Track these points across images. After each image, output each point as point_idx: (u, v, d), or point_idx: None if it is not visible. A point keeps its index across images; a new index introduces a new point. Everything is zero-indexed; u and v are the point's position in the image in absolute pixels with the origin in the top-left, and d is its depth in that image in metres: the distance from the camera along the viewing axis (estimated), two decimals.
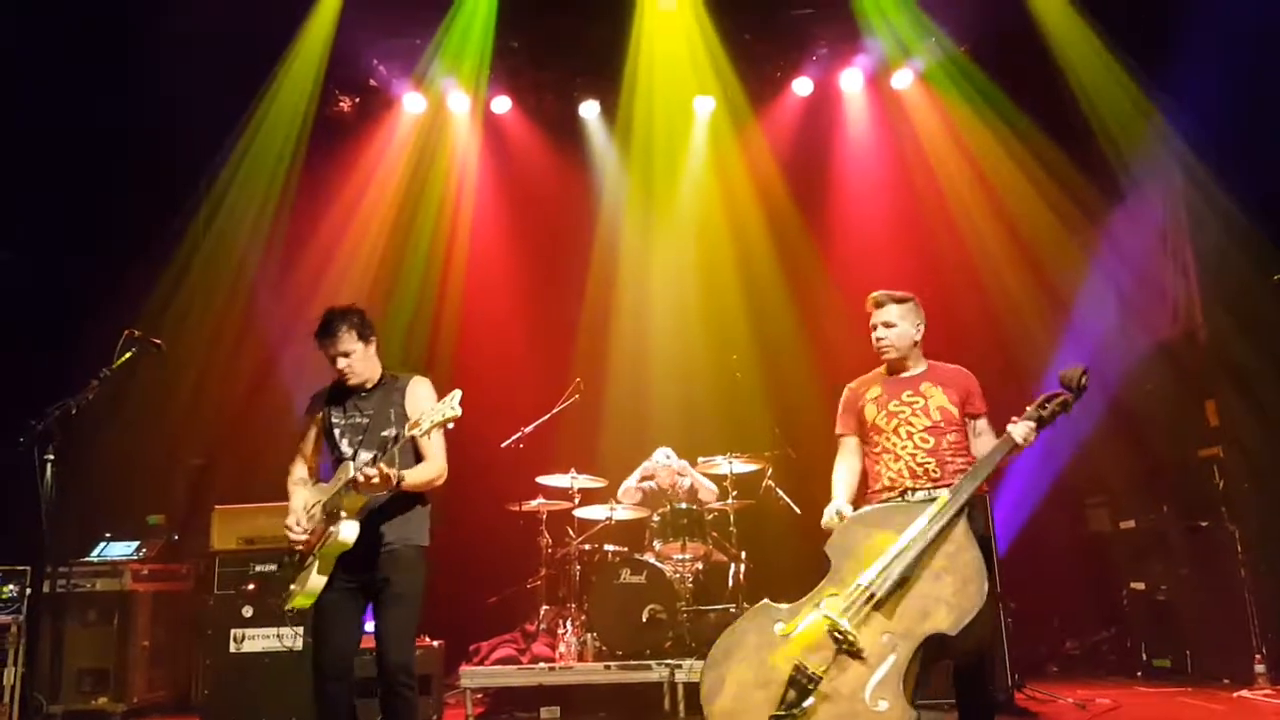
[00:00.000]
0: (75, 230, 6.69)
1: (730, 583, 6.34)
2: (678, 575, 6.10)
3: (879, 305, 3.97)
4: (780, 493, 6.71)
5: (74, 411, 4.00)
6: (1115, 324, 7.09)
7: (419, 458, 3.74)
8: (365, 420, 3.83)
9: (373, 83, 8.04)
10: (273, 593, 5.36)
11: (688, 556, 6.18)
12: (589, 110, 8.27)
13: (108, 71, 6.54)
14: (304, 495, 3.88)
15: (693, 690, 5.56)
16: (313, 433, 3.98)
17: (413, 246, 7.95)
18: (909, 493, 3.78)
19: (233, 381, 7.33)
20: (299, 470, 3.99)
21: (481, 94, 8.01)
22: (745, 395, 7.23)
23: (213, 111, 6.92)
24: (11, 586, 5.71)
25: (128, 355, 4.25)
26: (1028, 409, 3.65)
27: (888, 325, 3.93)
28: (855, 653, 3.32)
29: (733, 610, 6.14)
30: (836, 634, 3.36)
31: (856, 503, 3.93)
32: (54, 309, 6.60)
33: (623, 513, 6.58)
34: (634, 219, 8.21)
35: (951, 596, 3.36)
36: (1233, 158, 6.20)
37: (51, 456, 3.96)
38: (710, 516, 6.47)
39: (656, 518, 6.39)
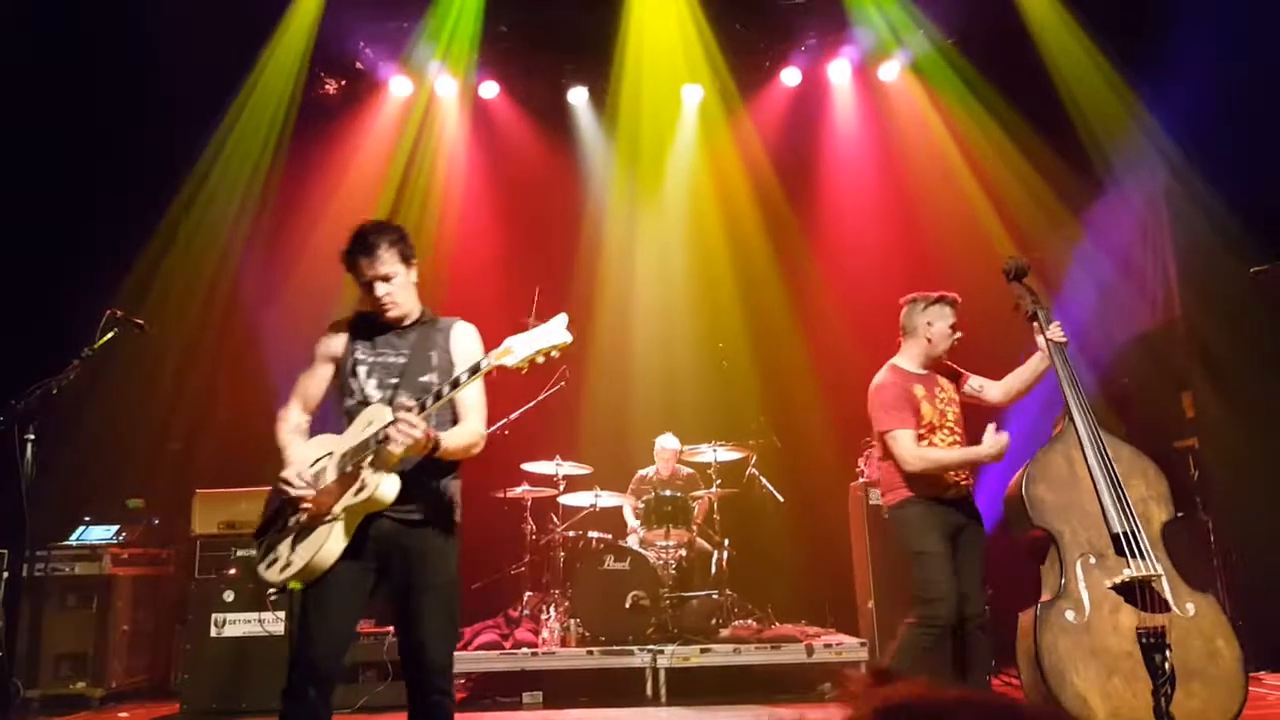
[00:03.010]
0: (55, 213, 6.60)
1: (713, 570, 6.39)
2: (661, 562, 6.13)
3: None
4: (764, 481, 6.74)
5: (55, 392, 3.94)
6: (1095, 315, 7.14)
7: (454, 420, 3.08)
8: (400, 360, 3.08)
9: (359, 65, 7.94)
10: (254, 577, 5.28)
11: (671, 543, 6.20)
12: (578, 96, 8.22)
13: (90, 52, 6.44)
14: (302, 449, 3.07)
15: (674, 675, 5.61)
16: (323, 370, 3.16)
17: None
18: (952, 486, 3.81)
19: (214, 365, 7.26)
20: (295, 416, 3.16)
21: (469, 79, 7.95)
22: (731, 383, 7.25)
23: (196, 93, 6.83)
24: None
25: (109, 335, 4.18)
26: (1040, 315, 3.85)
27: None
28: (1159, 584, 3.28)
29: (715, 597, 6.18)
30: (1149, 581, 3.29)
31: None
32: (35, 290, 6.51)
33: (607, 500, 6.60)
34: (621, 206, 8.17)
35: (1150, 489, 3.43)
36: (1214, 151, 6.25)
37: (32, 436, 3.89)
38: (694, 504, 6.49)
39: (641, 504, 6.40)
